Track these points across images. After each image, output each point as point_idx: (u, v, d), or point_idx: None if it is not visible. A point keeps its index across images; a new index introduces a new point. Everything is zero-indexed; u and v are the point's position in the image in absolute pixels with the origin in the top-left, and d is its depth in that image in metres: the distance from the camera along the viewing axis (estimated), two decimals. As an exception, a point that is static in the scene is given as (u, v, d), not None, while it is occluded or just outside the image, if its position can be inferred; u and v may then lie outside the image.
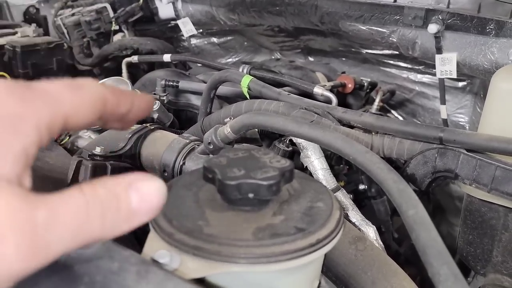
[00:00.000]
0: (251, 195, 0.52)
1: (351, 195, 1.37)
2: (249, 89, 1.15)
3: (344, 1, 1.37)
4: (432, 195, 1.68)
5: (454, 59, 1.34)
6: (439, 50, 1.35)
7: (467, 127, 1.74)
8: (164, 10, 1.96)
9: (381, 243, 0.89)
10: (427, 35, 1.36)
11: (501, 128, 0.82)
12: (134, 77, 1.83)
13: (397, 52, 1.65)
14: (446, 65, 1.37)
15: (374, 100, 1.73)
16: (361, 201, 1.42)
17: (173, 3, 1.90)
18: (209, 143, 0.86)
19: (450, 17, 1.29)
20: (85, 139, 1.26)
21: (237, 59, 2.26)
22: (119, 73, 1.81)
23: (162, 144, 0.93)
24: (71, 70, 2.05)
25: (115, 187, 0.37)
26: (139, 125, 0.98)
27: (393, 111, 1.99)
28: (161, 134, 0.97)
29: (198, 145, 0.92)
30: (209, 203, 0.55)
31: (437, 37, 1.33)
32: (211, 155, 0.87)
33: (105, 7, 1.91)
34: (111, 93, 0.43)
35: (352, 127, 1.01)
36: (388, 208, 1.43)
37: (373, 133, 0.99)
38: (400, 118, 1.97)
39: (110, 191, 0.36)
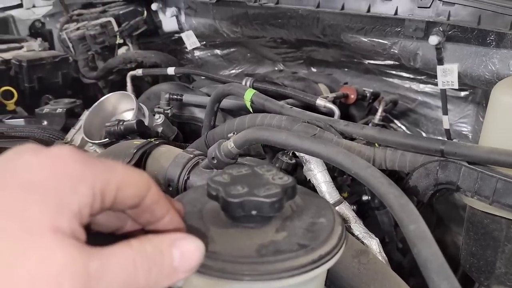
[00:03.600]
0: (254, 212, 0.53)
1: (355, 206, 1.38)
2: (252, 102, 1.17)
3: (345, 14, 1.38)
4: (437, 205, 1.69)
5: (456, 70, 1.35)
6: (440, 61, 1.36)
7: (470, 137, 1.75)
8: (168, 24, 1.98)
9: (384, 255, 0.90)
10: (428, 47, 1.37)
11: (502, 140, 0.83)
12: (138, 90, 1.86)
13: (399, 63, 1.66)
14: (448, 76, 1.37)
15: (377, 110, 1.74)
16: (365, 212, 1.42)
17: (177, 17, 1.92)
18: (213, 158, 0.87)
19: (450, 29, 1.30)
20: (92, 153, 1.27)
21: (240, 70, 2.28)
22: (123, 86, 1.84)
23: (166, 159, 0.94)
24: (76, 84, 2.08)
25: (160, 244, 0.40)
26: (144, 140, 0.99)
27: (396, 121, 1.99)
28: (166, 149, 0.98)
29: (202, 160, 0.93)
30: (213, 220, 0.56)
31: (438, 48, 1.34)
32: (215, 170, 0.89)
33: (109, 21, 1.93)
34: (155, 187, 0.47)
35: (354, 139, 1.03)
36: (392, 219, 1.43)
37: (375, 145, 1.00)
38: (403, 128, 1.98)
39: (156, 247, 0.39)
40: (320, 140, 0.80)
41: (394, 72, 1.91)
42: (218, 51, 2.24)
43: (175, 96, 1.39)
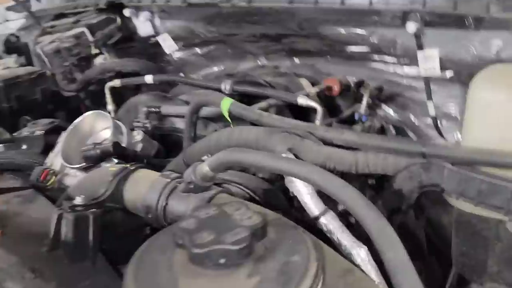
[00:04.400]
0: (222, 261, 0.51)
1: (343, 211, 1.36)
2: (229, 112, 1.14)
3: (320, 8, 1.34)
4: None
5: (437, 55, 1.32)
6: (420, 48, 1.33)
7: (459, 117, 1.72)
8: (143, 28, 1.93)
9: (373, 263, 0.88)
10: (407, 34, 1.33)
11: (483, 139, 0.81)
12: (121, 99, 1.82)
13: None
14: (429, 62, 1.34)
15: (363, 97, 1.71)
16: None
17: (151, 21, 1.88)
18: (189, 183, 0.84)
19: (428, 14, 1.27)
20: (72, 176, 1.25)
21: (222, 67, 2.23)
22: (105, 96, 1.80)
23: (144, 185, 0.91)
24: (57, 97, 2.03)
25: None
26: (120, 166, 0.97)
27: (383, 106, 1.96)
28: (143, 174, 0.95)
29: (180, 183, 0.90)
30: (183, 269, 0.54)
31: (417, 35, 1.30)
32: (191, 194, 0.86)
33: (83, 31, 1.89)
34: None
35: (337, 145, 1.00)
36: (383, 213, 1.41)
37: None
38: (391, 112, 1.94)
39: None
40: (296, 160, 0.78)
41: (377, 57, 1.87)
42: (198, 50, 2.19)
43: (153, 109, 1.36)
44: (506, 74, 0.83)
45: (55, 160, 1.29)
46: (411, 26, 1.25)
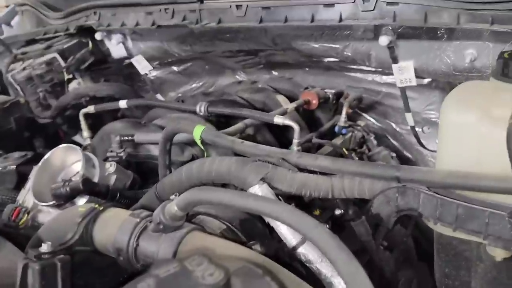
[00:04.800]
0: (182, 327, 0.48)
1: (329, 223, 1.34)
2: (202, 139, 1.11)
3: (290, 25, 1.32)
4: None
5: (411, 67, 1.30)
6: (395, 60, 1.31)
7: (439, 123, 1.71)
8: (116, 51, 1.90)
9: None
10: (380, 46, 1.32)
11: (458, 162, 0.78)
12: (100, 122, 1.78)
13: (355, 63, 1.61)
14: (405, 73, 1.32)
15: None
16: (340, 225, 1.38)
17: (123, 43, 1.84)
18: (159, 223, 0.81)
19: (400, 27, 1.25)
20: (46, 213, 1.21)
21: (200, 83, 2.21)
22: (80, 121, 1.75)
23: (113, 226, 0.88)
24: (33, 124, 1.99)
25: None
26: (90, 206, 0.93)
27: (364, 115, 1.95)
28: (112, 214, 0.92)
29: (150, 221, 0.87)
30: (143, 335, 0.51)
31: (391, 47, 1.29)
32: (163, 234, 0.83)
33: (55, 57, 1.84)
34: None
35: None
36: (369, 228, 1.39)
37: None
38: (372, 120, 1.93)
39: None
40: (265, 198, 0.75)
41: (355, 66, 1.86)
42: (175, 68, 2.16)
43: (127, 138, 1.33)
44: (476, 94, 0.81)
45: (27, 197, 1.25)
46: (384, 40, 1.23)
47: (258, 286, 0.57)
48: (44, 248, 0.83)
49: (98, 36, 1.82)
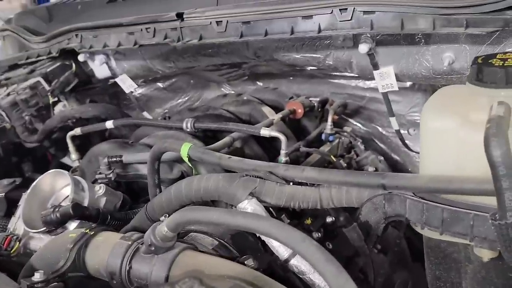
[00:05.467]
0: None
1: (321, 231, 1.35)
2: (189, 157, 1.12)
3: (271, 38, 1.33)
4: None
5: (392, 72, 1.32)
6: (375, 66, 1.33)
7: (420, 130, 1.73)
8: (100, 71, 1.90)
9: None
10: (361, 54, 1.34)
11: (440, 166, 0.80)
12: (88, 143, 1.78)
13: (337, 71, 1.63)
14: (386, 79, 1.34)
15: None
16: (332, 232, 1.39)
17: (107, 63, 1.85)
18: (150, 245, 0.82)
19: (378, 34, 1.27)
20: (37, 239, 1.20)
21: (186, 98, 2.22)
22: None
23: (105, 250, 0.88)
24: (20, 149, 1.99)
25: None
26: (80, 232, 0.93)
27: (350, 120, 1.97)
28: (103, 238, 0.92)
29: (142, 243, 0.88)
30: None
31: (371, 54, 1.30)
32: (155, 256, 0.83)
33: (38, 81, 1.85)
34: None
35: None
36: (361, 233, 1.40)
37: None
38: (359, 125, 1.95)
39: None
40: (253, 214, 0.76)
41: (338, 73, 1.88)
42: (160, 84, 2.17)
43: (115, 159, 1.33)
44: (453, 100, 0.83)
45: (18, 224, 1.25)
46: (363, 48, 1.25)
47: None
48: (37, 277, 0.83)
49: (81, 58, 1.82)
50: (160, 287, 0.55)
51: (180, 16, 1.41)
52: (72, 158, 1.68)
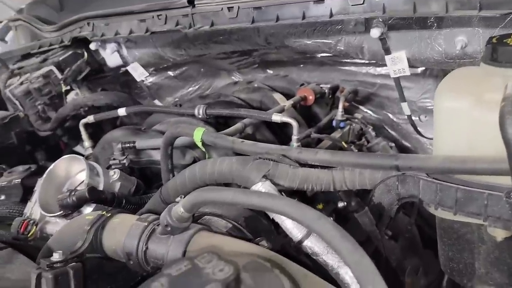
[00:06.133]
0: (197, 322, 0.50)
1: (333, 216, 1.36)
2: (202, 141, 1.13)
3: (282, 24, 1.33)
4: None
5: (404, 57, 1.31)
6: (387, 51, 1.33)
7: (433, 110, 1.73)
8: (111, 60, 1.92)
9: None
10: (372, 39, 1.33)
11: (454, 147, 0.80)
12: (101, 131, 1.80)
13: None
14: (398, 64, 1.34)
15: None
16: (344, 217, 1.40)
17: (118, 51, 1.86)
18: (166, 226, 0.83)
19: (390, 18, 1.27)
20: (53, 223, 1.22)
21: (197, 86, 2.23)
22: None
23: (121, 231, 0.90)
24: (34, 138, 2.01)
25: None
26: (97, 214, 0.95)
27: (361, 107, 1.96)
28: (119, 220, 0.94)
29: (158, 225, 0.89)
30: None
31: (382, 39, 1.30)
32: (171, 237, 0.85)
33: (51, 70, 1.86)
34: None
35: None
36: (372, 218, 1.40)
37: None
38: (369, 112, 1.95)
39: None
40: (268, 194, 0.77)
41: (349, 60, 1.88)
42: (171, 73, 2.18)
43: (128, 145, 1.34)
44: (467, 80, 0.83)
45: (34, 209, 1.27)
46: (375, 32, 1.24)
47: (267, 279, 0.59)
48: (56, 257, 0.85)
49: (92, 46, 1.84)
50: (180, 262, 0.56)
51: (191, 2, 1.41)
52: (85, 145, 1.69)
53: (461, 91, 0.79)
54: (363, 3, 1.21)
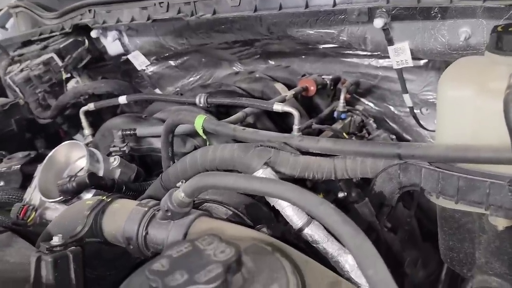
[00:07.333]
0: (198, 302, 0.50)
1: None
2: (203, 129, 1.12)
3: (285, 13, 1.33)
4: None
5: (407, 48, 1.31)
6: (390, 42, 1.32)
7: (436, 99, 1.72)
8: (112, 48, 1.91)
9: (362, 269, 0.87)
10: (375, 29, 1.33)
11: (457, 136, 0.80)
12: (100, 120, 1.79)
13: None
14: (400, 55, 1.34)
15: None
16: (344, 208, 1.39)
17: (119, 39, 1.85)
18: (167, 211, 0.83)
19: (394, 8, 1.26)
20: (53, 209, 1.22)
21: (198, 77, 2.22)
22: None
23: (121, 216, 0.89)
24: (34, 125, 2.01)
25: None
26: (97, 198, 0.95)
27: (362, 99, 1.96)
28: (119, 205, 0.93)
29: (158, 210, 0.89)
30: (160, 313, 0.53)
31: (386, 29, 1.30)
32: (171, 222, 0.84)
33: (52, 57, 1.85)
34: None
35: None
36: (372, 209, 1.40)
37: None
38: (371, 104, 1.94)
39: None
40: (269, 179, 0.77)
41: (351, 51, 1.87)
42: (172, 62, 2.17)
43: (128, 132, 1.34)
44: (471, 69, 0.82)
45: (33, 194, 1.26)
46: (379, 22, 1.24)
47: (268, 261, 0.58)
48: (56, 240, 0.85)
49: (93, 34, 1.83)
50: (181, 243, 0.56)
51: (194, -10, 1.40)
52: (85, 133, 1.69)
53: (465, 80, 0.78)
54: (367, -8, 1.20)
